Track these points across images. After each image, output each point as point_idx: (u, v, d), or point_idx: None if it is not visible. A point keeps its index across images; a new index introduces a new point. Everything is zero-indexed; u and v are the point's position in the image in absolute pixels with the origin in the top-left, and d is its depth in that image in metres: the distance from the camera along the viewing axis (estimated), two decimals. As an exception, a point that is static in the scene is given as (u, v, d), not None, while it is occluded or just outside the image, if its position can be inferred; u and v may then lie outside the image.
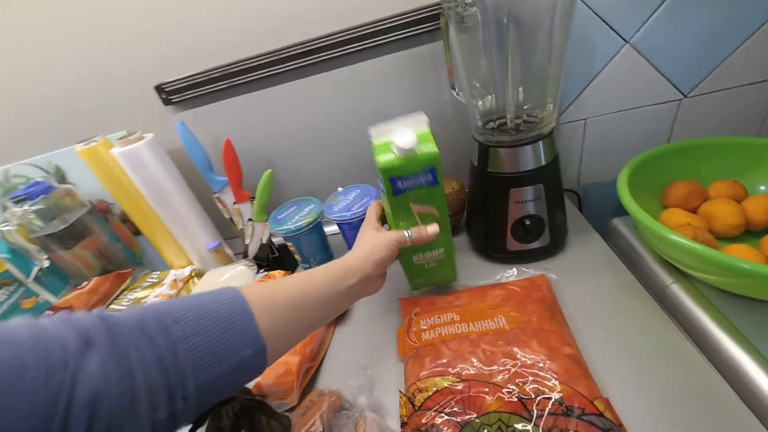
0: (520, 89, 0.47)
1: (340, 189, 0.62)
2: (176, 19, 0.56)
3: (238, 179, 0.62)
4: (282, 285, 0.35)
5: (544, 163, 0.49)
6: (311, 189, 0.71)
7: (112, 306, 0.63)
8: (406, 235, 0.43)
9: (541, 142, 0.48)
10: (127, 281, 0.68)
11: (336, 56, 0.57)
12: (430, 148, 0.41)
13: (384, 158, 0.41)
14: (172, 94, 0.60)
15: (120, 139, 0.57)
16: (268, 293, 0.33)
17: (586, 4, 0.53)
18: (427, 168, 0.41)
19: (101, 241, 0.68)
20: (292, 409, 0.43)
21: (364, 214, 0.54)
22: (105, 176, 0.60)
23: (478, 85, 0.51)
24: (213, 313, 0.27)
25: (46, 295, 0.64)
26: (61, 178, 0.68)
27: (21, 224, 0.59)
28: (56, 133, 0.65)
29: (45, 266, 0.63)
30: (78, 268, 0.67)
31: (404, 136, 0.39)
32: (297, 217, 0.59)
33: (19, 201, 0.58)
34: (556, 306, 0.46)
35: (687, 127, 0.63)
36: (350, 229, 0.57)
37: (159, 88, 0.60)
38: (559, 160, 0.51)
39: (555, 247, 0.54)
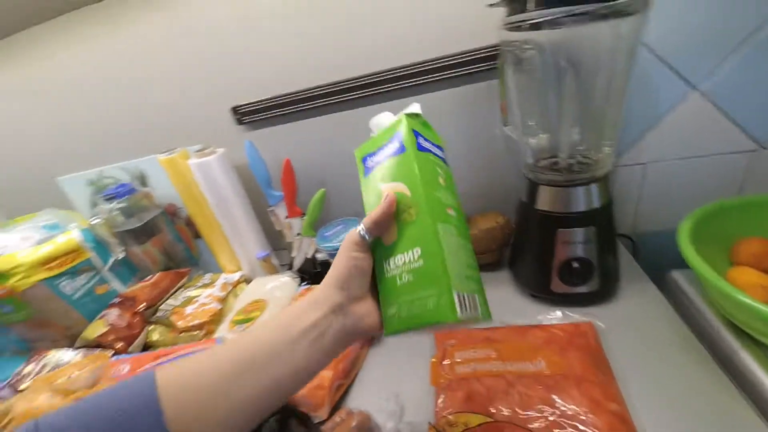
0: (576, 130, 0.47)
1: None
2: (255, 50, 0.63)
3: (292, 195, 0.66)
4: (207, 356, 0.28)
5: (596, 206, 0.48)
6: (359, 210, 0.74)
7: (168, 301, 0.68)
8: (359, 228, 0.31)
9: (594, 185, 0.47)
10: (184, 279, 0.74)
11: (395, 89, 0.61)
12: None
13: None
14: (245, 116, 0.67)
15: (197, 151, 0.65)
16: (187, 368, 0.27)
17: (649, 49, 0.53)
18: (392, 135, 0.33)
19: (167, 240, 0.75)
20: (320, 424, 0.44)
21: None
22: (179, 183, 0.68)
23: (531, 124, 0.52)
24: (106, 419, 0.24)
25: (115, 284, 0.72)
26: (142, 181, 0.78)
27: (107, 219, 0.68)
28: (144, 143, 0.75)
29: (120, 258, 0.71)
30: (145, 262, 0.74)
31: (381, 117, 0.37)
32: (344, 236, 0.61)
33: (108, 199, 0.67)
34: (602, 356, 0.43)
35: (763, 180, 0.58)
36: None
37: (234, 110, 0.67)
38: (613, 205, 0.49)
39: (604, 293, 0.52)
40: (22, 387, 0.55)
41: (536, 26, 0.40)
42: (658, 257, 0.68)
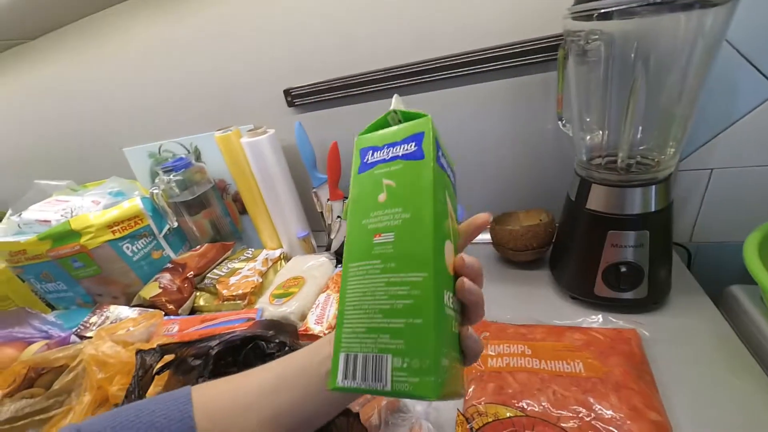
0: (639, 128, 0.45)
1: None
2: (309, 34, 0.65)
3: (336, 179, 0.68)
4: (240, 377, 0.29)
5: (653, 210, 0.45)
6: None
7: (214, 270, 0.73)
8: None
9: (653, 187, 0.44)
10: (229, 252, 0.78)
11: (448, 77, 0.61)
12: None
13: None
14: (296, 98, 0.69)
15: (249, 131, 0.68)
16: (222, 389, 0.29)
17: (731, 45, 0.49)
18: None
19: (216, 214, 0.79)
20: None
21: None
22: (230, 160, 0.71)
23: (588, 119, 0.50)
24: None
25: (168, 251, 0.77)
26: (197, 157, 0.82)
27: (164, 190, 0.73)
28: (202, 120, 0.79)
29: (174, 226, 0.76)
30: (194, 233, 0.79)
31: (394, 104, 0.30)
32: (382, 222, 0.62)
33: (167, 171, 0.72)
34: (644, 365, 0.42)
35: None
36: None
37: (287, 92, 0.69)
38: (672, 210, 0.47)
39: (652, 302, 0.49)
40: (87, 334, 0.62)
41: (606, 15, 0.38)
42: (715, 271, 0.64)
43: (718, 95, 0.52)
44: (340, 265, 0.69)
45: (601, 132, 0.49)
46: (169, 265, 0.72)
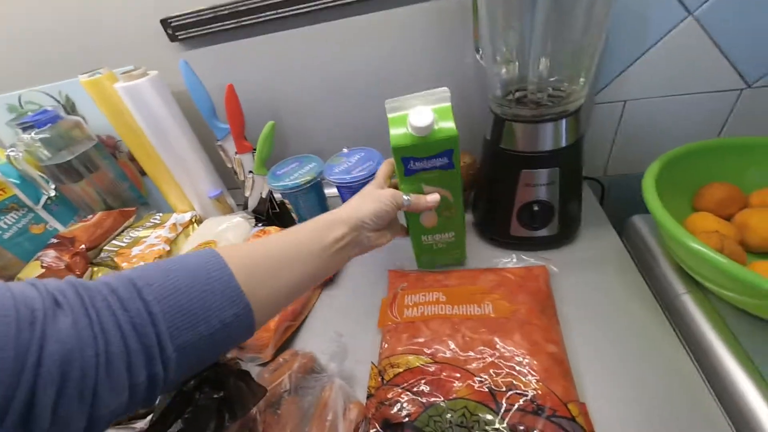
0: (547, 59, 0.42)
1: (345, 150, 0.59)
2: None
3: (240, 128, 0.60)
4: (262, 243, 0.32)
5: (564, 145, 0.44)
6: (317, 147, 0.69)
7: (113, 242, 0.64)
8: (405, 198, 0.40)
9: (564, 120, 0.43)
10: (131, 219, 0.69)
11: (354, 1, 0.52)
12: (449, 128, 0.37)
13: (397, 136, 0.38)
14: (179, 30, 0.57)
15: (124, 73, 0.56)
16: (246, 252, 0.31)
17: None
18: (443, 151, 0.38)
19: (108, 178, 0.68)
20: (265, 365, 0.44)
21: (365, 178, 0.51)
22: (109, 111, 0.60)
23: (504, 50, 0.46)
24: (188, 273, 0.26)
25: (54, 223, 0.66)
26: (72, 108, 0.68)
27: (29, 151, 0.60)
28: (67, 62, 0.64)
29: (52, 195, 0.65)
30: (85, 202, 0.68)
31: (421, 115, 0.37)
32: (296, 174, 0.57)
33: (26, 128, 0.59)
34: (549, 300, 0.43)
35: (745, 122, 0.55)
36: (349, 192, 0.55)
37: (165, 22, 0.57)
38: (582, 143, 0.46)
39: (563, 237, 0.50)
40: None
41: None
42: (626, 202, 0.67)
43: (632, 23, 0.49)
44: (259, 224, 0.63)
45: (514, 64, 0.45)
46: (54, 240, 0.62)
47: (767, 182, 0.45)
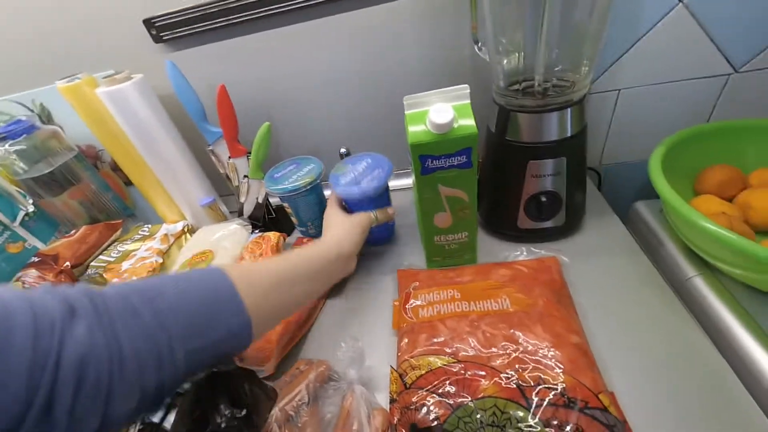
0: (554, 47, 0.41)
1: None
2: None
3: (233, 131, 0.57)
4: (261, 264, 0.36)
5: (569, 134, 0.44)
6: (313, 147, 0.67)
7: (100, 257, 0.60)
8: (373, 216, 0.47)
9: (569, 110, 0.42)
10: (118, 232, 0.65)
11: (345, -3, 0.51)
12: (469, 125, 0.37)
13: (416, 133, 0.37)
14: (164, 31, 0.54)
15: (105, 77, 0.52)
16: (247, 271, 0.34)
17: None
18: (462, 149, 0.38)
19: (90, 190, 0.64)
20: (273, 378, 0.42)
21: (376, 190, 0.49)
22: (90, 119, 0.56)
23: (504, 41, 0.45)
24: (197, 286, 0.28)
25: (33, 241, 0.62)
26: (47, 118, 0.64)
27: (3, 165, 0.56)
28: (41, 69, 0.60)
29: (30, 211, 0.60)
30: (67, 216, 0.64)
31: (441, 112, 0.36)
32: (295, 177, 0.55)
33: (-1, 139, 0.55)
34: (564, 290, 0.43)
35: (733, 106, 0.56)
36: (359, 206, 0.50)
37: (148, 23, 0.54)
38: (586, 133, 0.46)
39: (570, 228, 0.50)
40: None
41: None
42: (622, 190, 0.68)
43: (624, 12, 0.50)
44: (257, 231, 0.61)
45: (516, 54, 0.45)
46: (35, 259, 0.58)
47: (764, 163, 0.46)
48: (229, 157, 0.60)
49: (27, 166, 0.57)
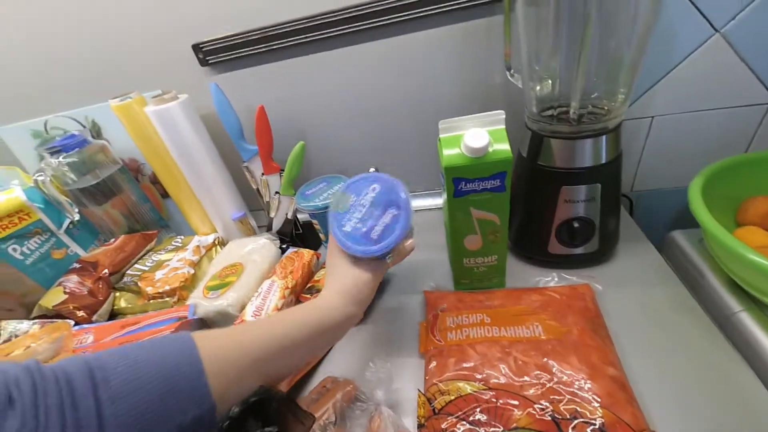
0: (591, 75, 0.42)
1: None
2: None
3: (268, 149, 0.60)
4: (244, 335, 0.31)
5: (604, 161, 0.44)
6: (343, 166, 0.68)
7: (136, 266, 0.63)
8: (388, 262, 0.38)
9: (604, 137, 0.42)
10: (153, 242, 0.68)
11: (381, 24, 0.53)
12: (504, 150, 0.37)
13: (450, 156, 0.38)
14: (210, 55, 0.58)
15: (154, 97, 0.56)
16: (224, 347, 0.29)
17: (674, -18, 0.46)
18: (496, 173, 0.38)
19: (131, 200, 0.68)
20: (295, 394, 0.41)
21: (396, 241, 0.36)
22: (137, 134, 0.60)
23: (538, 68, 0.46)
24: (154, 368, 0.25)
25: (75, 248, 0.65)
26: (97, 133, 0.69)
27: (55, 176, 0.60)
28: (95, 87, 0.65)
29: (76, 219, 0.64)
30: (107, 225, 0.67)
31: (476, 136, 0.37)
32: (326, 195, 0.56)
33: (54, 152, 0.59)
34: (599, 319, 0.42)
35: (773, 137, 0.55)
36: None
37: (196, 48, 0.58)
38: (621, 159, 0.45)
39: (603, 254, 0.49)
40: (-26, 359, 0.51)
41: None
42: (655, 218, 0.66)
43: (660, 40, 0.50)
44: (291, 247, 0.62)
45: (551, 81, 0.45)
46: (76, 265, 0.61)
47: (811, 195, 0.45)
48: (263, 174, 0.62)
49: (76, 178, 0.61)
